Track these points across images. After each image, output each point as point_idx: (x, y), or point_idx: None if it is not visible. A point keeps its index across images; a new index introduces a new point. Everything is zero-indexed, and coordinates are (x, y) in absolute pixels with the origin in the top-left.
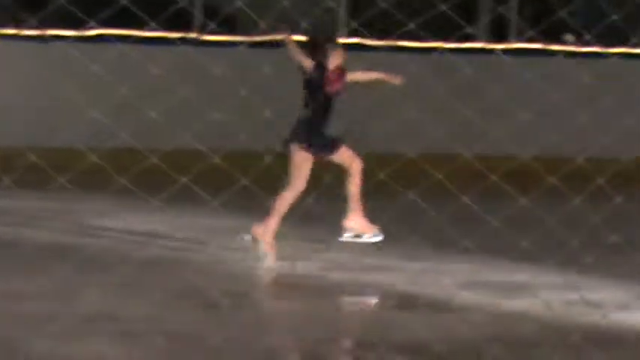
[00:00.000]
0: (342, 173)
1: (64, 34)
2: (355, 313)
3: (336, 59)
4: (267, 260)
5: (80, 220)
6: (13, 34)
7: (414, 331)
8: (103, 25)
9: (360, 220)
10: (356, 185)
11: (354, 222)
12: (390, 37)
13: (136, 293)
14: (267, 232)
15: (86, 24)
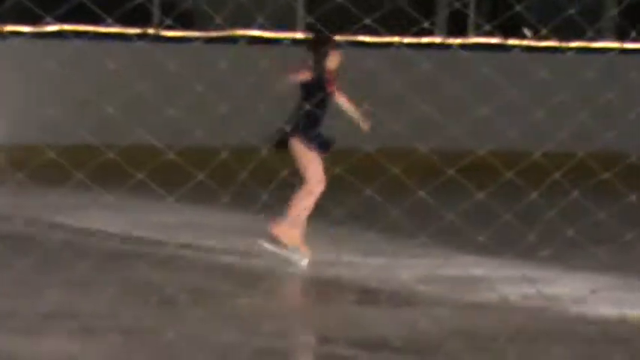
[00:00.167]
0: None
1: (21, 29)
2: (314, 309)
3: (335, 60)
4: (304, 261)
5: (38, 215)
6: None
7: (375, 326)
8: (60, 20)
9: (291, 233)
10: (309, 205)
11: (284, 234)
12: (347, 32)
13: (94, 289)
14: (293, 235)
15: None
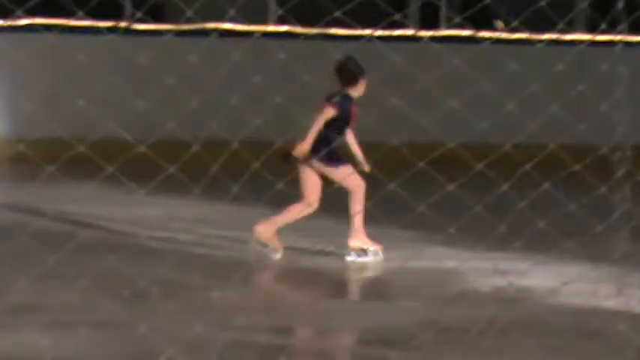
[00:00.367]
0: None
1: None
2: (285, 302)
3: (361, 89)
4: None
5: (8, 209)
6: None
7: (345, 319)
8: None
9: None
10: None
11: (269, 236)
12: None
13: (65, 283)
14: (364, 240)
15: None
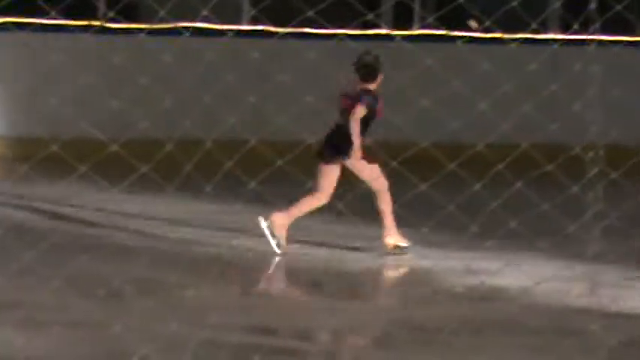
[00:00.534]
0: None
1: None
2: (260, 300)
3: (379, 82)
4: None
5: None
6: None
7: (319, 318)
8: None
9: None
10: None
11: (279, 223)
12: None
13: (39, 281)
14: (396, 235)
15: None
